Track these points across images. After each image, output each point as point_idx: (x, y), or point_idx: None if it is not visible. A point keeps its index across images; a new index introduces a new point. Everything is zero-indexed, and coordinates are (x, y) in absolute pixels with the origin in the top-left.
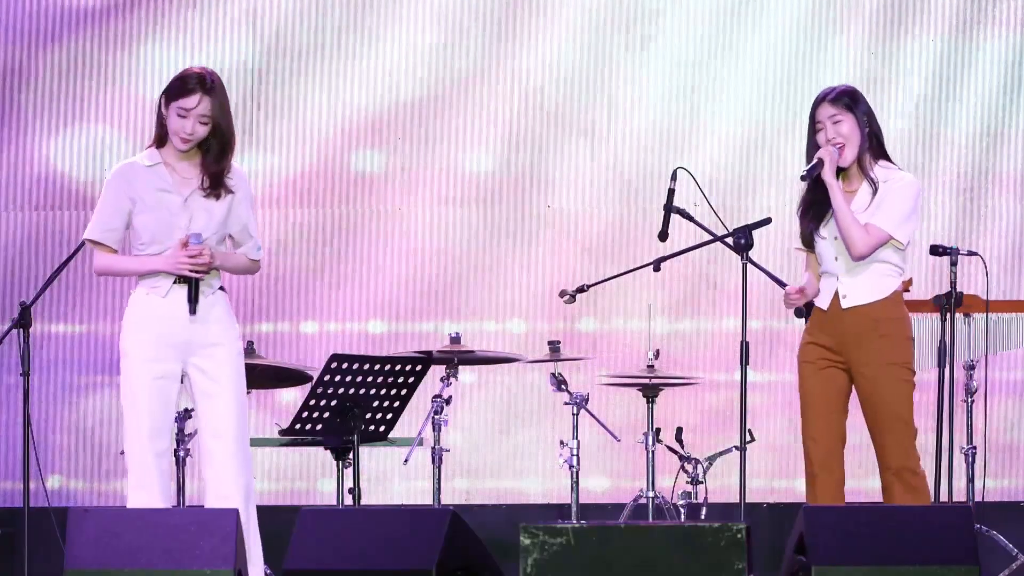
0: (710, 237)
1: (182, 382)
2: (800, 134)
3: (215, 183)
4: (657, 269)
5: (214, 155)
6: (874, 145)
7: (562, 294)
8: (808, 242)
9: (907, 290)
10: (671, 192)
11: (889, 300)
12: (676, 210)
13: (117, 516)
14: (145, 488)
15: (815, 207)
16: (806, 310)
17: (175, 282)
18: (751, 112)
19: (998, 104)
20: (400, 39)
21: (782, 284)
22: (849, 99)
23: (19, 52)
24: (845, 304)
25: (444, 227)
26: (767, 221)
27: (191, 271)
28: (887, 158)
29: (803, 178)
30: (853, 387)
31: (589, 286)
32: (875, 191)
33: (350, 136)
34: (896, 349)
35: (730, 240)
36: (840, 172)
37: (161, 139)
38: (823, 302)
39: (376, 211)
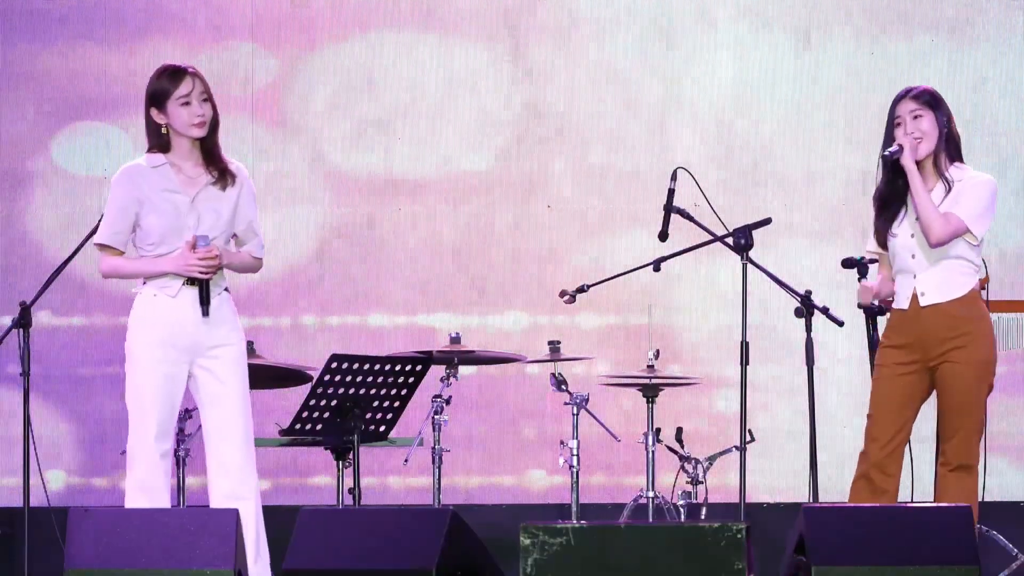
0: (710, 237)
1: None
2: (800, 134)
3: (220, 169)
4: (657, 269)
5: (209, 133)
6: (951, 148)
7: (562, 294)
8: (882, 240)
9: (983, 288)
10: (671, 192)
11: (967, 298)
12: (676, 210)
13: (117, 516)
14: (149, 490)
15: (890, 204)
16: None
17: (184, 283)
18: (752, 111)
19: (998, 104)
20: (400, 40)
21: (781, 284)
22: (930, 97)
23: (19, 51)
24: (924, 302)
25: (445, 227)
26: (767, 221)
27: (201, 272)
28: (962, 162)
29: (884, 159)
30: (931, 385)
31: (589, 286)
32: (949, 189)
33: (351, 133)
34: (975, 348)
35: (730, 240)
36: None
37: (162, 147)
38: (901, 302)
39: (377, 209)
